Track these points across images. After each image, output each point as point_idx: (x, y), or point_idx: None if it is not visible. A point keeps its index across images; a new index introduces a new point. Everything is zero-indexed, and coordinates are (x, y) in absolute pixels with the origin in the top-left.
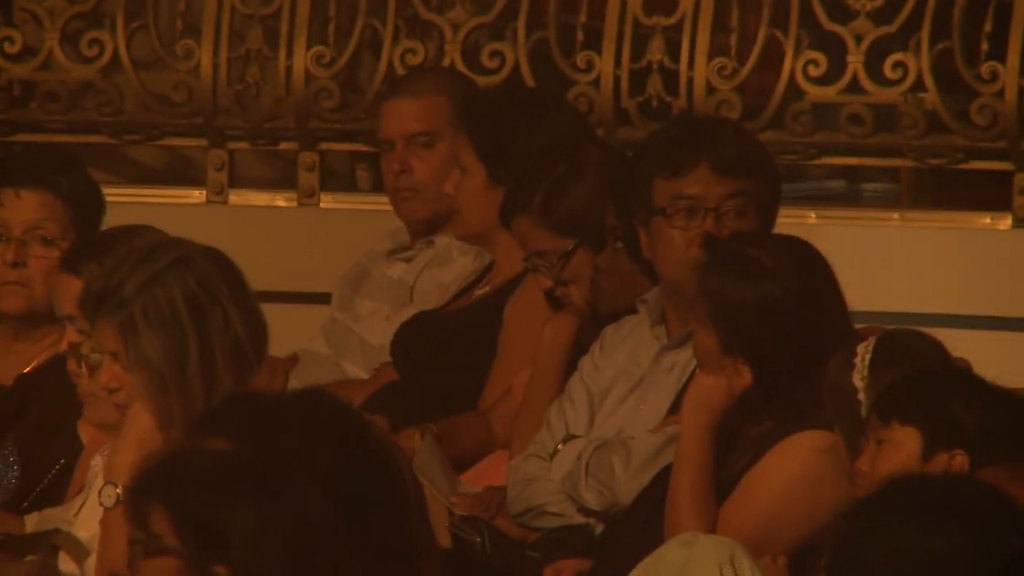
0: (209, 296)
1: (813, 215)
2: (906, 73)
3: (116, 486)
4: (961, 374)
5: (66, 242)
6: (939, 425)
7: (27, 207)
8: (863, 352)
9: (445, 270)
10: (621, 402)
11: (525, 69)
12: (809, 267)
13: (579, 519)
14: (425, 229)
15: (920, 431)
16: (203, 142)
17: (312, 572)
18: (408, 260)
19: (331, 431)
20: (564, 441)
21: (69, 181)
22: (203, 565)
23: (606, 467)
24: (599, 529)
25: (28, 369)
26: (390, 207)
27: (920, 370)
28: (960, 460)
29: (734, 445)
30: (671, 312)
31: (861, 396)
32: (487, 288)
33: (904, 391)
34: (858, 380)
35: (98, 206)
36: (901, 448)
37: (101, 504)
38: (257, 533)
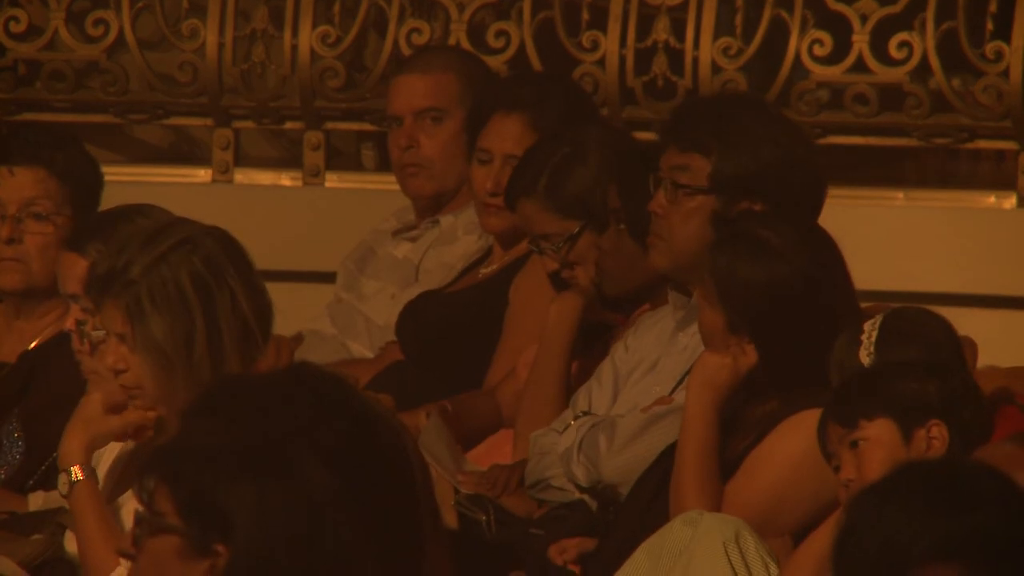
0: (215, 277)
1: None
2: (911, 53)
3: (68, 473)
4: (899, 363)
5: (61, 218)
6: (904, 403)
7: (21, 184)
8: (870, 330)
9: (450, 249)
10: (638, 382)
11: (530, 49)
12: (817, 247)
13: (578, 495)
14: (431, 205)
15: (890, 417)
16: (208, 121)
17: (315, 551)
18: (413, 239)
19: (333, 408)
20: (576, 418)
21: (64, 158)
22: (204, 544)
23: (594, 444)
24: (594, 506)
25: (32, 346)
26: (395, 186)
27: (854, 374)
28: (938, 429)
29: (739, 425)
30: None
31: None
32: (493, 267)
33: (855, 392)
34: (865, 357)
35: (95, 183)
36: (880, 442)
37: (60, 493)
38: (258, 512)
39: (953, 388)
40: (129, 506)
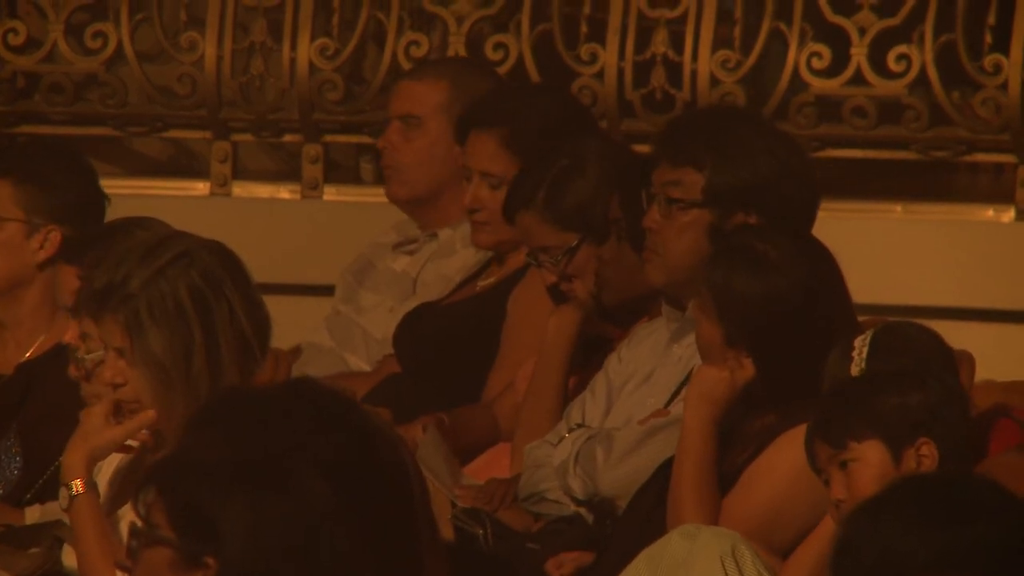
0: (213, 290)
1: None
2: (909, 66)
3: (69, 487)
4: (882, 373)
5: (10, 223)
6: (891, 421)
7: None
8: (860, 345)
9: (448, 262)
10: (632, 393)
11: (529, 61)
12: (814, 260)
13: (574, 508)
14: (409, 211)
15: (879, 438)
16: (207, 134)
17: (309, 565)
18: (412, 253)
19: (332, 422)
20: (571, 430)
21: (29, 163)
22: (194, 556)
23: (591, 457)
24: (591, 519)
25: (28, 356)
26: None
27: (836, 388)
28: (928, 448)
29: (737, 438)
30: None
31: None
32: (491, 279)
33: (840, 410)
34: (856, 372)
35: (80, 192)
36: (870, 463)
37: (60, 507)
38: (249, 526)
39: (935, 396)
40: (128, 519)
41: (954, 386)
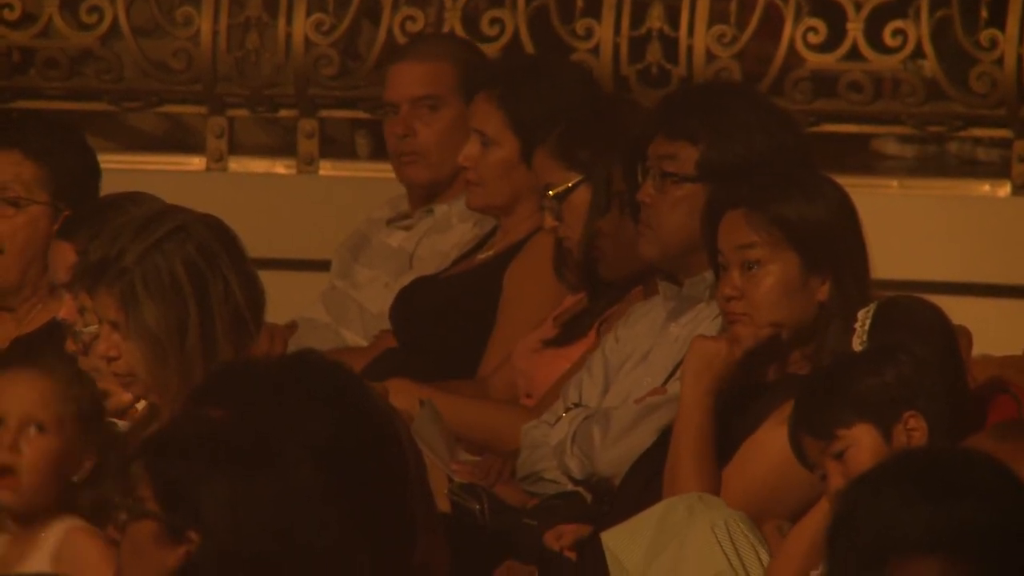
0: (209, 264)
1: None
2: (906, 40)
3: None
4: (852, 356)
5: (35, 205)
6: (872, 401)
7: None
8: (863, 318)
9: (444, 237)
10: (629, 373)
11: (525, 36)
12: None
13: (572, 488)
14: (426, 194)
15: (866, 421)
16: (202, 109)
17: (296, 543)
18: (407, 228)
19: (325, 402)
20: (567, 410)
21: (46, 142)
22: (178, 530)
23: (588, 436)
24: (589, 498)
25: (25, 332)
26: (390, 174)
27: (808, 381)
28: (915, 420)
29: (747, 410)
30: None
31: None
32: (489, 252)
33: (820, 401)
34: (858, 345)
35: (85, 172)
36: (863, 446)
37: None
38: (231, 503)
39: (909, 368)
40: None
41: (926, 355)
